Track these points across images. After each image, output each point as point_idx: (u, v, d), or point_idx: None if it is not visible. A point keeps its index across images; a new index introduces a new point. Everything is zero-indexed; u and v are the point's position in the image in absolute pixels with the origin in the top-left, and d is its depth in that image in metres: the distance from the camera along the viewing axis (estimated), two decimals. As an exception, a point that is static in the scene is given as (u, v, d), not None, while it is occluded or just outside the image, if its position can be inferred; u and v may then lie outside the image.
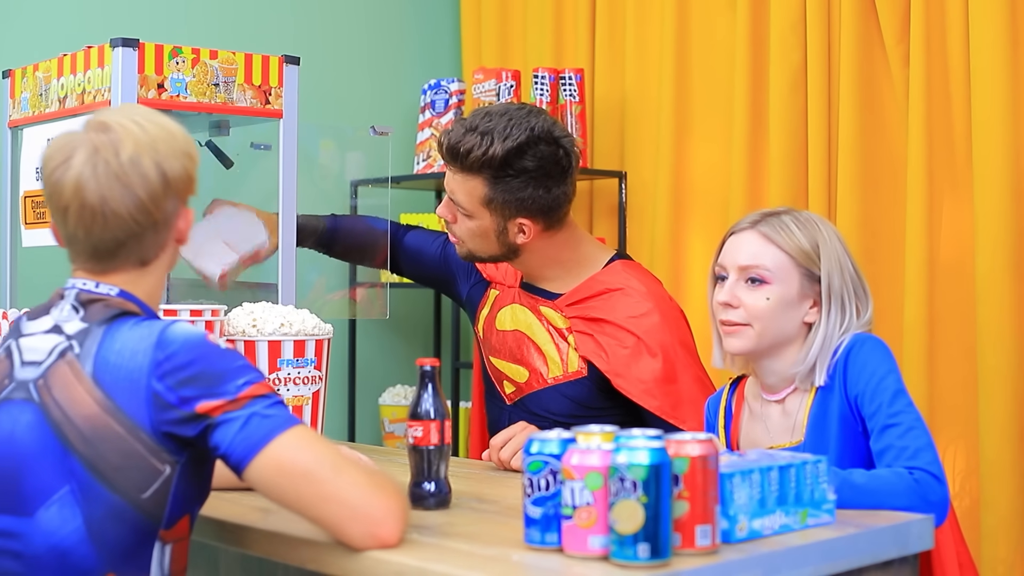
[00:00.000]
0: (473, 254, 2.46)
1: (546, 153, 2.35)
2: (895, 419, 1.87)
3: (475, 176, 2.35)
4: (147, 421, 1.54)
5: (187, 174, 1.64)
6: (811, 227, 1.99)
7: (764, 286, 1.97)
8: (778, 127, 3.03)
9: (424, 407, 1.78)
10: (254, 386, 1.55)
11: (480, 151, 2.32)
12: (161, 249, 1.66)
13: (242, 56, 2.50)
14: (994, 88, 2.66)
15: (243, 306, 2.26)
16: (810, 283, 1.98)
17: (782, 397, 2.02)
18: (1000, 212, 2.65)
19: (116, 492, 1.53)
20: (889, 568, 1.68)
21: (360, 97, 3.78)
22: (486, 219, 2.39)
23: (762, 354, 2.01)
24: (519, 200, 2.35)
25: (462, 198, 2.39)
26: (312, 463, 1.52)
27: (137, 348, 1.55)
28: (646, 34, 3.40)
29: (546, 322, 2.45)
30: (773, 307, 1.96)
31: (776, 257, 1.97)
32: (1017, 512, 2.65)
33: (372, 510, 1.52)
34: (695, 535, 1.47)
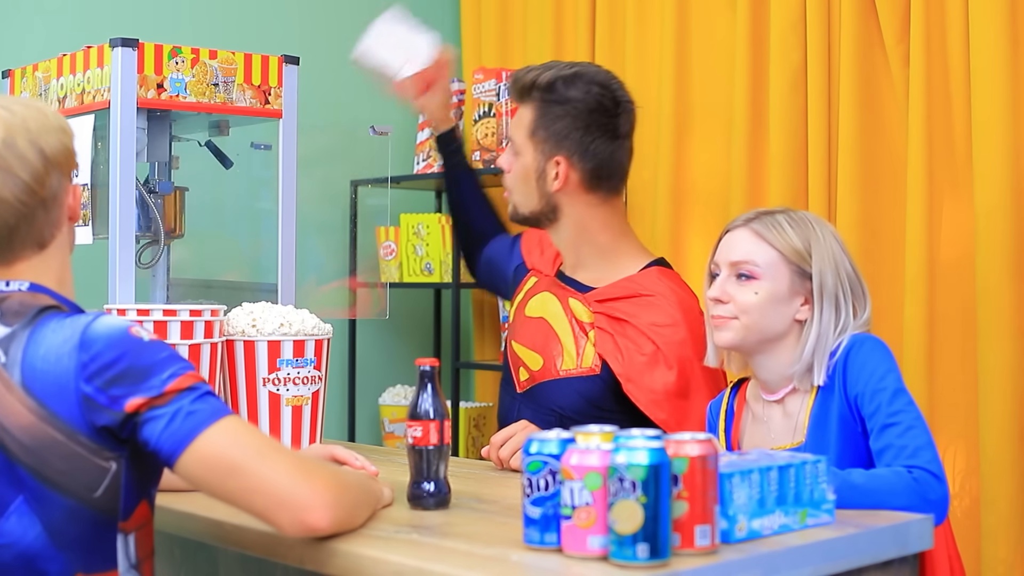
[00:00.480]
0: (517, 209, 2.48)
1: (595, 92, 2.40)
2: (895, 418, 1.87)
3: (527, 103, 2.42)
4: (82, 423, 1.52)
5: (65, 148, 1.63)
6: (804, 226, 2.00)
7: (753, 281, 1.99)
8: (778, 127, 3.03)
9: (423, 407, 1.78)
10: (179, 379, 1.53)
11: (535, 74, 2.41)
12: (56, 228, 1.65)
13: (241, 56, 2.50)
14: (994, 88, 2.66)
15: (243, 306, 2.27)
16: (801, 280, 1.99)
17: (780, 397, 2.02)
18: (1000, 212, 2.65)
19: (68, 495, 1.53)
20: (889, 568, 1.68)
21: (360, 97, 3.77)
22: (529, 156, 2.42)
23: (752, 350, 2.02)
24: (557, 132, 2.38)
25: (514, 132, 2.45)
26: (237, 455, 1.51)
27: (61, 351, 1.53)
28: (646, 34, 3.40)
29: (570, 314, 2.44)
30: (762, 302, 1.98)
31: (766, 254, 1.99)
32: (1017, 512, 2.64)
33: (299, 497, 1.51)
34: (694, 535, 1.47)
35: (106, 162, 2.40)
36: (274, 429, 2.21)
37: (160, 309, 2.12)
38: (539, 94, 2.39)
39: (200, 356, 2.13)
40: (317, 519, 1.52)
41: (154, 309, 2.11)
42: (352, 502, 1.60)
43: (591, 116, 2.39)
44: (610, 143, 2.41)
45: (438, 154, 2.77)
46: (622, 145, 2.44)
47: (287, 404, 2.22)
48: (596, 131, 2.39)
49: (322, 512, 1.52)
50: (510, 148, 2.47)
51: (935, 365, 2.79)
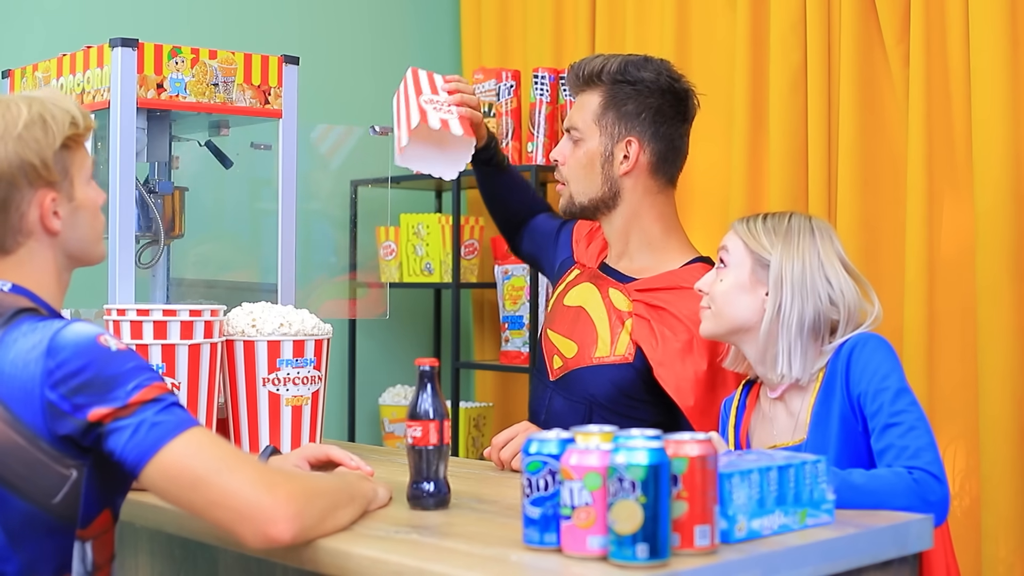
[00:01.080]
0: (574, 200, 2.46)
1: (666, 76, 2.43)
2: (896, 418, 1.87)
3: (593, 89, 2.43)
4: (44, 430, 1.53)
5: (22, 160, 1.62)
6: (782, 221, 2.07)
7: (723, 270, 2.08)
8: (778, 127, 3.03)
9: (423, 407, 1.78)
10: (144, 390, 1.53)
11: (602, 60, 2.42)
12: (20, 235, 1.64)
13: (241, 56, 2.49)
14: (994, 88, 2.66)
15: (242, 306, 2.26)
16: (763, 270, 2.04)
17: (779, 394, 2.04)
18: (1000, 212, 2.65)
19: (26, 500, 1.54)
20: (888, 568, 1.68)
21: (360, 97, 3.78)
22: (594, 140, 2.42)
23: (728, 337, 2.09)
24: (628, 112, 2.40)
25: (576, 117, 2.44)
26: (200, 468, 1.51)
27: (29, 357, 1.53)
28: (646, 34, 3.40)
29: (609, 303, 2.43)
30: (726, 289, 2.06)
31: (735, 244, 2.08)
32: (1017, 512, 2.64)
33: (260, 509, 1.51)
34: (694, 535, 1.47)
35: (106, 162, 2.40)
36: (274, 429, 2.21)
37: (160, 309, 2.12)
38: (609, 78, 2.41)
39: (200, 356, 2.13)
40: (280, 531, 1.52)
41: (154, 309, 2.11)
42: (321, 510, 1.59)
43: (663, 97, 2.42)
44: (679, 127, 2.45)
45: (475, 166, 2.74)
46: (687, 131, 2.48)
47: (287, 404, 2.22)
48: (668, 112, 2.43)
49: (285, 524, 1.52)
50: (567, 139, 2.47)
51: (935, 365, 2.79)
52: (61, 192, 1.67)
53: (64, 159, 1.67)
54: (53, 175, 1.65)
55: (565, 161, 2.46)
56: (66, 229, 1.68)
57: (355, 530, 1.65)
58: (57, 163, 1.66)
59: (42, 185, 1.64)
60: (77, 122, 1.69)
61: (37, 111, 1.65)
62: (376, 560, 1.52)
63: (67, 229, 1.68)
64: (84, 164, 1.72)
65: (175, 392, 1.60)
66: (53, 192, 1.66)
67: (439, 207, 3.87)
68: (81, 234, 1.71)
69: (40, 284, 1.67)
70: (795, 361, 1.99)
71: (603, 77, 2.41)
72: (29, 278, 1.66)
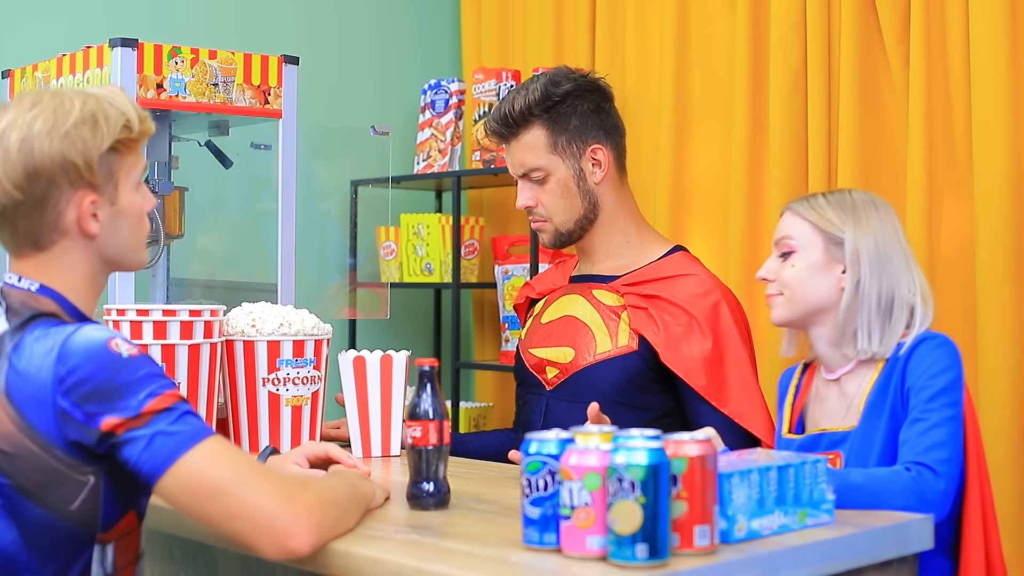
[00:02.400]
0: (560, 231, 2.46)
1: (579, 77, 2.46)
2: (924, 414, 1.88)
3: (529, 127, 2.42)
4: (58, 438, 1.51)
5: (64, 158, 1.57)
6: (843, 198, 2.06)
7: (791, 256, 2.05)
8: (778, 127, 3.03)
9: (423, 407, 1.78)
10: (157, 399, 1.51)
11: (521, 98, 2.42)
12: (54, 233, 1.61)
13: (241, 56, 2.50)
14: (994, 88, 2.66)
15: (242, 306, 2.26)
16: (837, 248, 2.03)
17: (837, 376, 2.05)
18: (1000, 211, 2.65)
19: (43, 507, 1.52)
20: (888, 568, 1.68)
21: (360, 97, 3.78)
22: (561, 168, 2.42)
23: (804, 322, 2.06)
24: (576, 126, 2.42)
25: (529, 158, 2.43)
26: (217, 480, 1.49)
27: (42, 363, 1.51)
28: (646, 34, 3.40)
29: (596, 302, 2.45)
30: (799, 273, 2.03)
31: (800, 227, 2.05)
32: (1017, 512, 2.64)
33: (280, 523, 1.50)
34: (693, 535, 1.47)
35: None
36: (274, 429, 2.21)
37: (160, 309, 2.12)
38: (539, 108, 2.41)
39: (200, 356, 2.13)
40: (299, 544, 1.51)
41: (154, 309, 2.11)
42: (336, 518, 1.59)
43: (591, 95, 2.45)
44: (614, 111, 2.49)
45: None
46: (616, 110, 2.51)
47: (287, 404, 2.22)
48: (603, 104, 2.46)
49: (304, 537, 1.51)
50: (527, 183, 2.45)
51: (935, 365, 2.78)
52: (103, 195, 1.62)
53: (111, 162, 1.62)
54: (96, 177, 1.61)
55: (536, 203, 2.45)
56: (104, 233, 1.64)
57: (355, 530, 1.65)
58: (102, 166, 1.61)
59: (83, 186, 1.60)
60: (131, 125, 1.64)
61: (90, 109, 1.61)
62: (376, 560, 1.52)
63: (106, 233, 1.64)
64: (134, 169, 1.67)
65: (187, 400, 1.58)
66: (94, 195, 1.61)
67: (439, 207, 3.87)
68: (120, 239, 1.66)
69: (70, 285, 1.63)
70: (874, 335, 1.99)
71: (534, 111, 2.41)
72: (60, 278, 1.62)
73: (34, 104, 1.60)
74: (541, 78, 2.44)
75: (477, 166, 3.56)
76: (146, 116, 1.68)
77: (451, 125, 3.64)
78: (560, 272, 2.61)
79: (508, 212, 3.82)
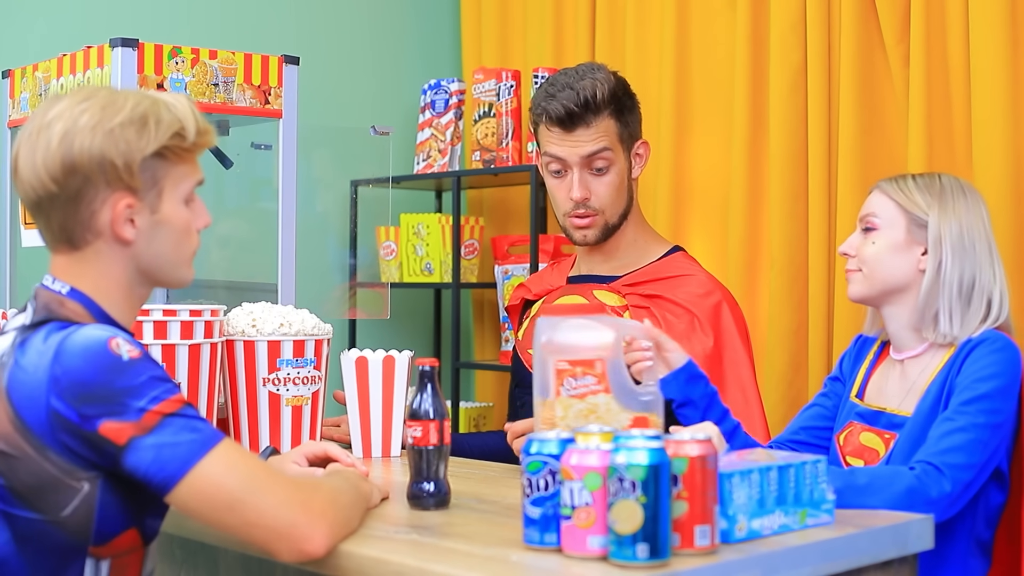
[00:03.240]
0: (609, 224, 2.44)
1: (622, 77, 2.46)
2: (955, 416, 1.88)
3: (604, 115, 2.39)
4: (52, 440, 1.47)
5: (103, 157, 1.52)
6: (931, 182, 2.05)
7: (872, 232, 2.06)
8: (778, 127, 3.03)
9: (423, 407, 1.78)
10: (160, 404, 1.47)
11: (601, 85, 2.38)
12: (88, 233, 1.55)
13: (241, 56, 2.50)
14: (994, 88, 2.66)
15: (243, 306, 2.26)
16: (919, 230, 2.03)
17: (903, 358, 2.05)
18: (1000, 212, 2.65)
19: (35, 511, 1.49)
20: (889, 568, 1.68)
21: (360, 97, 3.78)
22: (621, 160, 2.43)
23: (879, 300, 2.07)
24: (634, 122, 2.44)
25: (603, 143, 2.39)
26: (235, 488, 1.47)
27: (39, 362, 1.47)
28: (646, 34, 3.40)
29: (597, 302, 2.44)
30: (879, 251, 2.04)
31: (885, 205, 2.06)
32: (1017, 512, 2.64)
33: (298, 528, 1.49)
34: (694, 535, 1.47)
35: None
36: (274, 429, 2.21)
37: (160, 309, 2.12)
38: (614, 100, 2.40)
39: (200, 356, 2.13)
40: (316, 547, 1.51)
41: (154, 309, 2.11)
42: (346, 518, 1.59)
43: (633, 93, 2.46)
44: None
45: None
46: None
47: (287, 404, 2.22)
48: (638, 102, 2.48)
49: (320, 540, 1.51)
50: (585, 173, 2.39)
51: (935, 365, 2.78)
52: (143, 201, 1.56)
53: (155, 168, 1.56)
54: (136, 181, 1.54)
55: (590, 195, 2.40)
56: (141, 241, 1.57)
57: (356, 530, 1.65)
58: (145, 170, 1.55)
59: (121, 188, 1.54)
60: (184, 133, 1.58)
61: (142, 111, 1.55)
62: (377, 560, 1.52)
63: (142, 241, 1.57)
64: (185, 180, 1.60)
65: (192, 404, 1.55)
66: (131, 198, 1.55)
67: (439, 207, 3.87)
68: (158, 251, 1.59)
69: (102, 290, 1.58)
70: (955, 319, 1.99)
71: (610, 101, 2.39)
72: (92, 281, 1.57)
73: (87, 98, 1.56)
74: (596, 70, 2.41)
75: (477, 166, 3.56)
76: (208, 129, 1.62)
77: (451, 125, 3.64)
78: (557, 272, 2.61)
79: (508, 212, 3.82)
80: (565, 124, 2.38)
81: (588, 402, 1.79)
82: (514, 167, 3.48)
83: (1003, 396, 1.91)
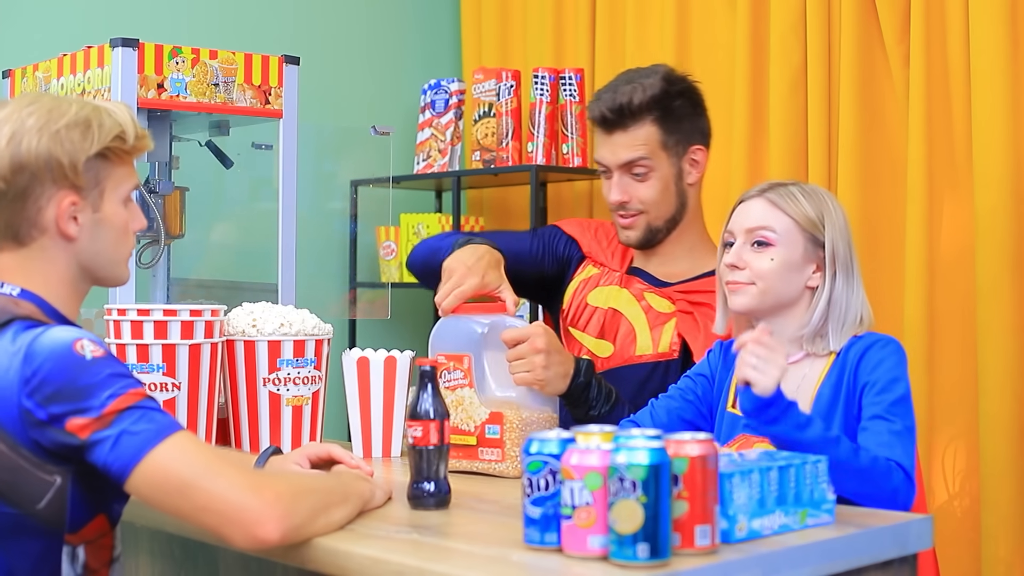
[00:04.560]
0: (652, 227, 2.44)
1: (685, 78, 2.45)
2: (891, 416, 1.88)
3: (644, 122, 2.38)
4: (24, 437, 1.52)
5: (50, 156, 1.61)
6: (817, 197, 2.05)
7: (769, 248, 2.02)
8: (778, 127, 3.03)
9: (423, 407, 1.78)
10: (119, 399, 1.51)
11: (641, 93, 2.37)
12: (33, 229, 1.63)
13: (242, 56, 2.50)
14: (994, 88, 2.66)
15: (243, 306, 2.27)
16: (814, 248, 2.02)
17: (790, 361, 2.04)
18: (1000, 212, 2.66)
19: (11, 505, 1.53)
20: (889, 568, 1.68)
21: (360, 97, 3.78)
22: (666, 166, 2.41)
23: (764, 314, 2.05)
24: (687, 127, 2.42)
25: (640, 151, 2.39)
26: (185, 473, 1.50)
27: (10, 363, 1.53)
28: (646, 34, 3.40)
29: (646, 305, 2.44)
30: (777, 268, 2.01)
31: (782, 221, 2.03)
32: (1017, 512, 2.65)
33: (247, 511, 1.50)
34: (694, 535, 1.47)
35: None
36: (274, 429, 2.21)
37: (160, 309, 2.12)
38: (657, 106, 2.39)
39: (200, 356, 2.13)
40: (268, 532, 1.51)
41: (154, 309, 2.12)
42: (310, 508, 1.58)
43: (697, 98, 2.45)
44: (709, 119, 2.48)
45: None
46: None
47: (287, 404, 2.22)
48: (702, 106, 2.46)
49: (272, 525, 1.51)
50: (625, 176, 2.40)
51: (935, 364, 2.79)
52: (86, 200, 1.65)
53: (98, 168, 1.65)
54: (80, 180, 1.63)
55: (631, 198, 2.41)
56: (83, 239, 1.66)
57: (355, 530, 1.65)
58: (88, 170, 1.64)
59: (66, 186, 1.63)
60: (125, 136, 1.67)
61: (85, 114, 1.64)
62: (377, 560, 1.52)
63: (85, 239, 1.66)
64: (124, 182, 1.69)
65: (154, 397, 1.58)
66: (75, 196, 1.64)
67: (439, 207, 3.87)
68: (100, 248, 1.68)
69: (50, 286, 1.66)
70: (844, 334, 1.99)
71: (652, 107, 2.38)
72: (39, 278, 1.65)
73: (32, 102, 1.64)
74: (653, 74, 2.41)
75: (477, 166, 3.56)
76: (145, 134, 1.71)
77: (451, 125, 3.64)
78: (618, 252, 2.55)
79: (508, 212, 3.82)
80: (603, 127, 2.40)
81: (456, 394, 2.09)
82: (514, 167, 3.48)
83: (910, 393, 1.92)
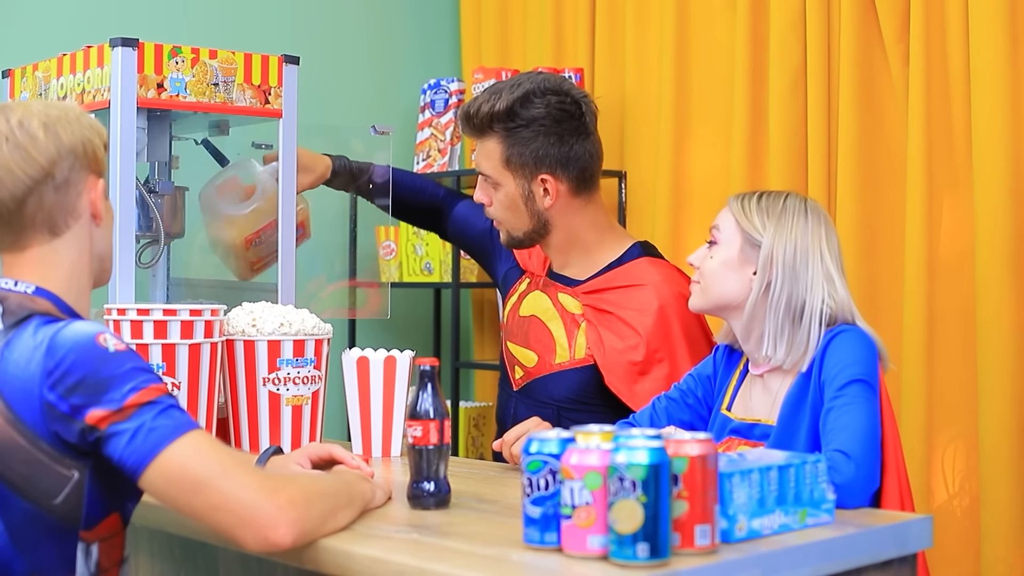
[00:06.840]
0: (511, 235, 2.47)
1: (554, 102, 2.39)
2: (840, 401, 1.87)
3: (490, 136, 2.40)
4: (44, 431, 1.52)
5: (87, 144, 1.65)
6: (777, 202, 2.05)
7: (713, 247, 2.07)
8: (778, 127, 3.03)
9: (423, 407, 1.78)
10: (140, 392, 1.52)
11: (488, 106, 2.38)
12: (70, 216, 1.65)
13: (241, 56, 2.49)
14: (994, 88, 2.66)
15: (243, 306, 2.27)
16: (752, 249, 2.03)
17: (760, 372, 2.06)
18: (1000, 212, 2.65)
19: (28, 500, 1.53)
20: (888, 568, 1.68)
21: (360, 97, 3.78)
22: (510, 184, 2.41)
23: (717, 313, 2.08)
24: (534, 153, 2.38)
25: (485, 165, 2.42)
26: (201, 472, 1.50)
27: (31, 357, 1.53)
28: (646, 34, 3.40)
29: (560, 308, 2.46)
30: (715, 266, 2.05)
31: (726, 221, 2.07)
32: (1017, 512, 2.64)
33: (261, 514, 1.50)
34: (694, 535, 1.47)
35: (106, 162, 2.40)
36: (274, 429, 2.21)
37: (160, 309, 2.12)
38: (500, 124, 2.38)
39: (200, 356, 2.13)
40: (280, 535, 1.51)
41: (154, 309, 2.12)
42: (321, 512, 1.59)
43: (560, 127, 2.39)
44: (585, 143, 2.42)
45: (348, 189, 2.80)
46: (595, 141, 2.46)
47: (287, 404, 2.22)
48: (570, 138, 2.40)
49: (286, 528, 1.51)
50: (484, 182, 2.46)
51: (934, 364, 2.79)
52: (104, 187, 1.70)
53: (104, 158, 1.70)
54: (102, 166, 1.69)
55: (490, 202, 2.46)
56: (104, 225, 1.71)
57: (356, 530, 1.65)
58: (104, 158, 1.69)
59: (95, 171, 1.67)
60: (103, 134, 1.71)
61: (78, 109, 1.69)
62: (377, 560, 1.53)
63: (104, 225, 1.71)
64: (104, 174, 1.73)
65: (174, 394, 1.59)
66: (103, 181, 1.69)
67: (439, 207, 3.87)
68: (108, 235, 1.72)
69: (65, 283, 1.65)
70: (780, 344, 1.99)
71: (495, 125, 2.38)
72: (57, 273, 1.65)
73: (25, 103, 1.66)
74: (516, 89, 2.38)
75: (477, 166, 3.56)
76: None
77: (451, 125, 3.64)
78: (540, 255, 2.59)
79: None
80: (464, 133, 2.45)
81: None
82: (514, 167, 3.47)
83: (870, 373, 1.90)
